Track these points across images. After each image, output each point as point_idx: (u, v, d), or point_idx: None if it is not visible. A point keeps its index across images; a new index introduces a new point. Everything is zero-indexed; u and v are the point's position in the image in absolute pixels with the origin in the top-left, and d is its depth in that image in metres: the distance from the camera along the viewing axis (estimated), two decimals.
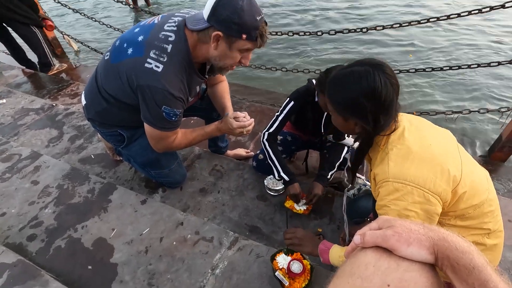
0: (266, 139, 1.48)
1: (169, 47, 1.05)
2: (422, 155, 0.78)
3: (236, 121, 1.28)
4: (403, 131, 0.84)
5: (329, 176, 1.47)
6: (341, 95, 0.83)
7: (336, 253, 0.98)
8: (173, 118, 1.13)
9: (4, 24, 2.83)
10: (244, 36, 0.99)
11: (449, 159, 0.80)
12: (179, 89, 1.09)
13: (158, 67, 1.03)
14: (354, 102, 0.80)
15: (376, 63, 0.80)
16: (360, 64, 0.81)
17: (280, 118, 1.46)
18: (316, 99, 1.39)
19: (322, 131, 1.51)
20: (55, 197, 1.46)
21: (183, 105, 1.15)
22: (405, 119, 0.87)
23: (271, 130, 1.47)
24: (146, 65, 1.03)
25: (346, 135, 1.49)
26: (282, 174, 1.43)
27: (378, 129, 0.82)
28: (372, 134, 0.83)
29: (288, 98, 1.45)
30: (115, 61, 1.12)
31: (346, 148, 1.53)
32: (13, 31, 2.89)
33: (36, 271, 1.08)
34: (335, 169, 1.51)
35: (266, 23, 1.02)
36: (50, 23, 3.07)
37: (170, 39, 1.06)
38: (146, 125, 1.18)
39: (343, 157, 1.53)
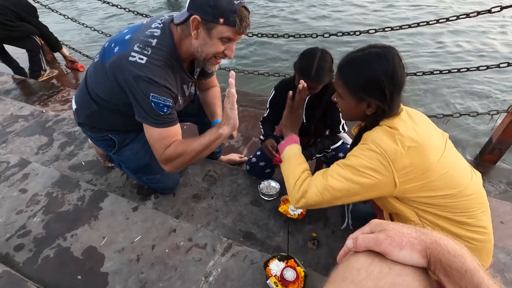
0: (260, 122, 1.63)
1: (154, 41, 1.05)
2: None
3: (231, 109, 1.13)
4: (400, 115, 0.88)
5: (315, 156, 1.52)
6: (360, 75, 0.85)
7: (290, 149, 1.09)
8: (165, 110, 1.07)
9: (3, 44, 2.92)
10: (221, 20, 0.96)
11: (432, 148, 0.84)
12: (164, 79, 1.06)
13: (142, 59, 1.02)
14: (374, 81, 0.83)
15: (390, 47, 0.85)
16: (376, 47, 0.85)
17: (267, 106, 1.58)
18: None
19: (305, 122, 1.52)
20: (43, 205, 1.42)
21: (172, 96, 1.10)
22: (403, 107, 0.92)
23: (264, 116, 1.62)
24: (130, 58, 1.02)
25: (342, 130, 1.50)
26: (261, 136, 1.56)
27: (391, 109, 0.86)
28: (386, 113, 0.87)
29: (273, 88, 1.56)
30: (103, 61, 1.10)
31: (340, 141, 1.55)
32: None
33: (22, 282, 1.05)
34: (322, 153, 1.55)
35: (247, 9, 1.00)
36: (79, 64, 3.25)
37: (155, 34, 1.06)
38: (144, 127, 1.13)
39: (333, 148, 1.54)
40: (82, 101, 1.27)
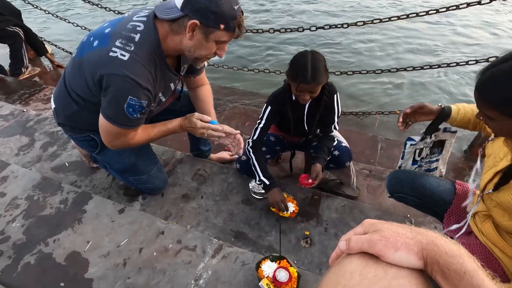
0: (250, 147, 1.49)
1: (137, 36, 0.99)
2: None
3: (201, 121, 1.22)
4: None
5: (326, 157, 1.46)
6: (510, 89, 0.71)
7: None
8: (134, 116, 1.03)
9: None
10: (222, 26, 0.95)
11: None
12: (147, 80, 1.01)
13: (124, 56, 0.96)
14: None
15: None
16: None
17: (261, 125, 1.46)
18: (294, 98, 1.37)
19: (306, 129, 1.49)
20: (24, 209, 1.35)
21: (150, 98, 1.06)
22: None
23: (254, 138, 1.48)
24: (111, 53, 0.96)
25: (334, 129, 1.48)
26: (262, 177, 1.42)
27: None
28: None
29: (265, 104, 1.45)
30: (80, 56, 1.04)
31: (336, 141, 1.53)
32: None
33: None
34: (330, 155, 1.49)
35: (242, 13, 0.99)
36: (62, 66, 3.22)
37: (138, 28, 1.00)
38: (102, 120, 1.07)
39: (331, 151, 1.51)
40: (61, 100, 1.21)
